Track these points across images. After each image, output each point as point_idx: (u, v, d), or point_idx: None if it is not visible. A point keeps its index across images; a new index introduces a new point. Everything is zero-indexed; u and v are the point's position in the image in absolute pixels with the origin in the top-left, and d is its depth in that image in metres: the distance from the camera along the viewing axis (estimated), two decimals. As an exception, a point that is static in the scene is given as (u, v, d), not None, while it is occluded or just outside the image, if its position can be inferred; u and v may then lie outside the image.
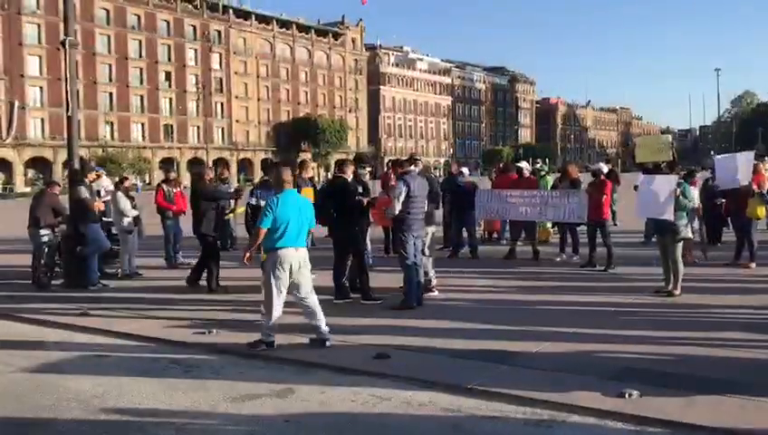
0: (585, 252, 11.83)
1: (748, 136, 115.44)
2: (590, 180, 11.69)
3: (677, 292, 8.90)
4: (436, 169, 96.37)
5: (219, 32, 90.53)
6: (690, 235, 9.27)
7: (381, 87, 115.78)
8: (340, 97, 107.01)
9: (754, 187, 11.03)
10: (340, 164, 9.09)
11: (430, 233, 9.20)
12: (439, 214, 11.70)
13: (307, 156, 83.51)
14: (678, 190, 8.75)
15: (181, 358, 6.73)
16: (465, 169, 13.63)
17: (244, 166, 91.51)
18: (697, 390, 5.25)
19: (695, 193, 10.59)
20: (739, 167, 11.29)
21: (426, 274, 8.94)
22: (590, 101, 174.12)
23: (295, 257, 6.71)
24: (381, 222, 11.64)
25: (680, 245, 9.05)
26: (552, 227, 13.35)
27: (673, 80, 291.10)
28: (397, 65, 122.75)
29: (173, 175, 14.44)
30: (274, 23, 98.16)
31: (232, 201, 15.44)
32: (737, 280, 10.05)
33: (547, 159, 66.72)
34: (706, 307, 8.26)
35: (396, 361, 6.24)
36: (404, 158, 8.89)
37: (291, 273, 6.69)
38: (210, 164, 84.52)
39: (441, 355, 6.42)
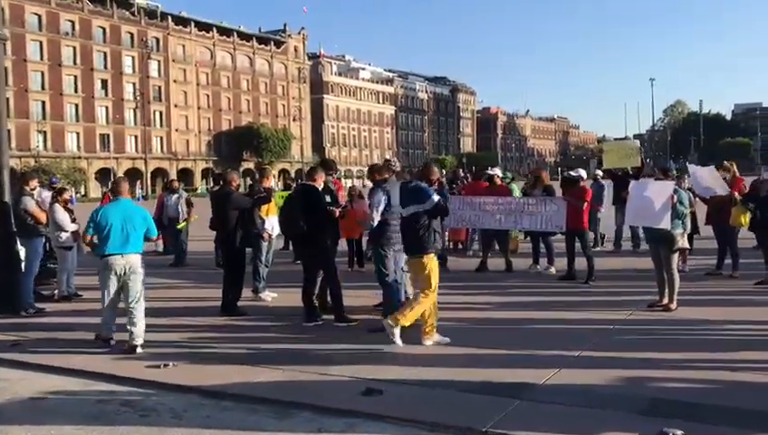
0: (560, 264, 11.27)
1: (681, 144, 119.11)
2: (568, 188, 11.08)
3: (674, 306, 8.33)
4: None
5: (157, 39, 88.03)
6: (687, 244, 8.73)
7: (324, 96, 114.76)
8: (283, 106, 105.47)
9: (736, 194, 10.60)
10: (310, 171, 8.20)
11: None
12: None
13: (250, 166, 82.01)
14: (675, 197, 8.18)
15: (135, 399, 5.72)
16: (393, 178, 12.87)
17: (185, 176, 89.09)
18: (744, 426, 4.59)
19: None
20: (709, 180, 10.84)
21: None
22: (528, 111, 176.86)
23: (120, 264, 7.04)
24: (349, 234, 10.81)
25: (676, 255, 8.50)
26: (526, 236, 12.69)
27: (609, 89, 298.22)
28: (340, 74, 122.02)
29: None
30: (214, 30, 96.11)
31: (183, 211, 14.45)
32: (727, 292, 9.55)
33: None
34: (710, 323, 7.67)
35: (390, 397, 5.39)
36: (380, 163, 8.03)
37: (118, 278, 7.07)
38: (148, 175, 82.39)
39: (440, 388, 5.59)
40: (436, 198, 6.95)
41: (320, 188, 8.08)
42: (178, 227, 14.28)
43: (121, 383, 6.14)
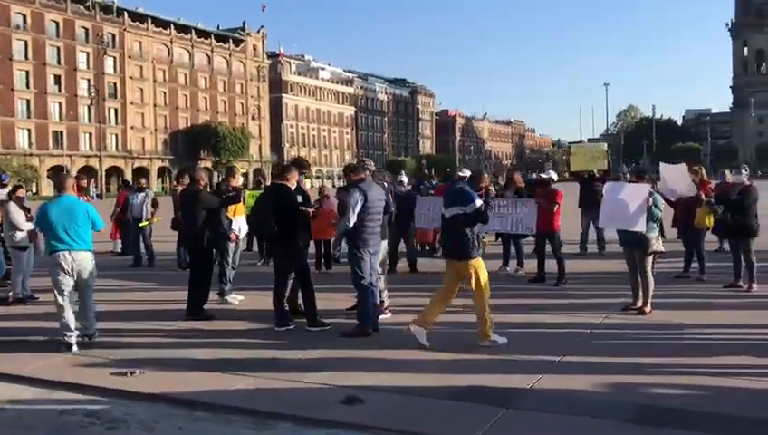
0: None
1: (634, 148, 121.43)
2: (538, 189, 11.01)
3: (648, 309, 8.29)
4: (340, 178, 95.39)
5: (113, 35, 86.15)
6: (662, 248, 8.71)
7: (284, 95, 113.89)
8: (242, 104, 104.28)
9: (702, 195, 10.65)
10: (283, 170, 7.94)
11: (383, 248, 8.19)
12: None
13: (207, 164, 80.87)
14: (651, 200, 8.15)
15: (100, 409, 5.40)
16: (403, 177, 12.70)
17: (140, 174, 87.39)
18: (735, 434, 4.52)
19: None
20: (679, 180, 10.88)
21: (379, 294, 7.92)
22: (486, 114, 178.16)
23: (68, 261, 6.99)
24: (318, 235, 10.57)
25: (650, 258, 8.46)
26: (497, 238, 12.58)
27: (564, 94, 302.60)
28: (299, 73, 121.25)
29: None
30: (172, 27, 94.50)
31: (149, 210, 13.97)
32: (697, 294, 9.56)
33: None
34: (685, 327, 7.64)
35: (372, 406, 5.18)
36: (355, 162, 7.81)
37: (69, 276, 7.01)
38: (103, 173, 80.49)
39: (422, 396, 5.40)
40: (478, 202, 6.91)
41: (292, 188, 7.82)
42: (141, 225, 13.82)
43: (84, 392, 5.80)
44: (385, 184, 8.06)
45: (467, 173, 12.69)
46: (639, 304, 8.45)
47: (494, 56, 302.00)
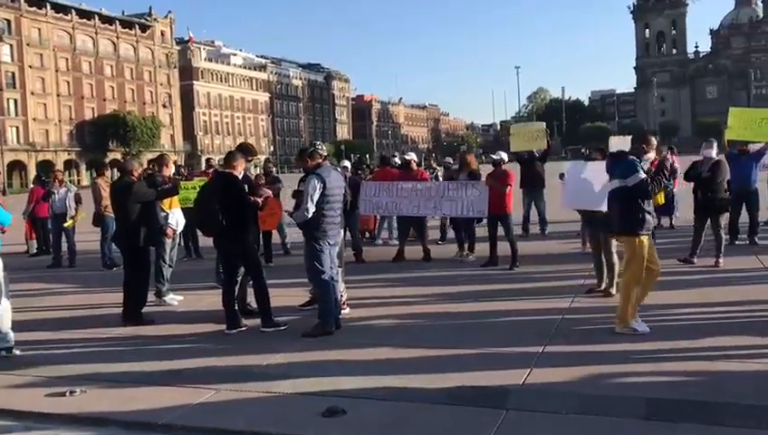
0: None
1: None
2: (489, 171, 10.65)
3: (614, 290, 8.04)
4: (256, 166, 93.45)
5: (9, 21, 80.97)
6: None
7: (195, 82, 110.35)
8: (151, 93, 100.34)
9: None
10: (228, 157, 7.20)
11: (341, 239, 7.62)
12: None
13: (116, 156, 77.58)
14: (616, 179, 7.86)
15: (38, 439, 4.65)
16: (346, 162, 12.12)
17: (46, 168, 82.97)
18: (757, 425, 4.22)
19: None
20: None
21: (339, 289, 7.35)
22: (401, 99, 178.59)
23: None
24: (265, 226, 9.88)
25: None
26: (451, 223, 12.17)
27: (477, 77, 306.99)
28: (210, 60, 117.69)
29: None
30: (73, 13, 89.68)
31: (72, 207, 12.79)
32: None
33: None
34: (656, 308, 7.35)
35: (357, 417, 4.62)
36: (308, 147, 7.15)
37: None
38: (4, 168, 75.76)
39: (410, 401, 4.89)
40: (641, 175, 6.37)
41: (240, 177, 7.13)
42: (65, 225, 12.65)
43: (17, 418, 5.01)
44: (339, 169, 7.47)
45: (413, 156, 12.28)
46: (604, 285, 8.22)
47: (407, 40, 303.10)
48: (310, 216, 6.67)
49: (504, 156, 10.82)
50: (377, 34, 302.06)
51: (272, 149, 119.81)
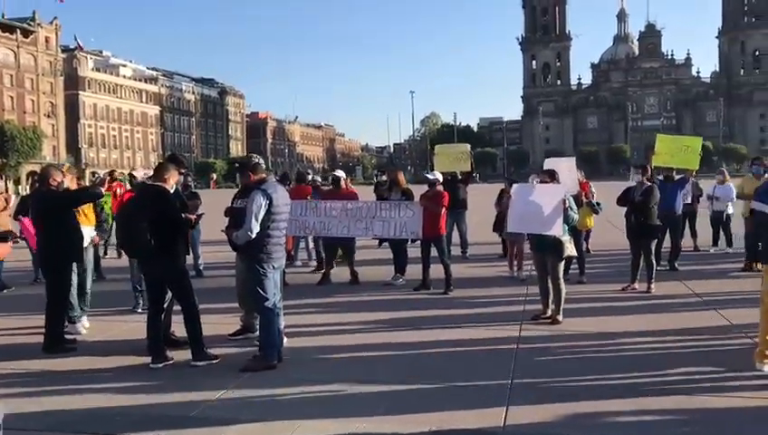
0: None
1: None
2: (423, 191, 10.24)
3: (561, 318, 7.79)
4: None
5: None
6: (575, 252, 8.27)
7: (81, 92, 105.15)
8: (33, 101, 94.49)
9: (583, 196, 10.50)
10: (159, 169, 6.39)
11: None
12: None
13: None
14: (567, 202, 7.65)
15: None
16: (272, 178, 11.33)
17: None
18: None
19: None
20: (565, 174, 10.67)
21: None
22: (297, 117, 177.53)
23: None
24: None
25: (562, 264, 7.98)
26: (380, 244, 11.62)
27: (373, 99, 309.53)
28: (98, 70, 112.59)
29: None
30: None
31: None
32: (595, 298, 9.28)
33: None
34: (609, 336, 7.17)
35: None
36: (252, 160, 6.43)
37: None
38: None
39: (386, 450, 4.32)
40: None
41: (171, 190, 6.34)
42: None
43: None
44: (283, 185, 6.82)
45: (341, 174, 11.72)
46: (550, 312, 7.94)
47: (304, 60, 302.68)
48: (254, 236, 5.99)
49: (440, 176, 10.46)
50: (273, 53, 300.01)
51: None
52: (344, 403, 5.19)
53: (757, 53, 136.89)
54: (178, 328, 6.77)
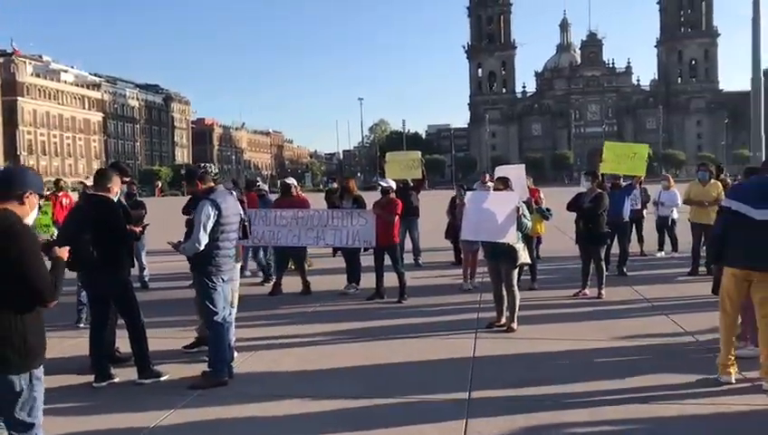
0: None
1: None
2: (376, 199, 10.11)
3: (515, 325, 7.76)
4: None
5: None
6: (529, 259, 8.24)
7: (19, 98, 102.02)
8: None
9: (533, 203, 10.52)
10: (101, 177, 6.10)
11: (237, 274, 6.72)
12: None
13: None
14: (520, 210, 7.62)
15: None
16: (221, 187, 11.04)
17: None
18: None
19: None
20: (515, 181, 10.70)
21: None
22: (244, 124, 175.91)
23: None
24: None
25: (516, 271, 7.95)
26: (335, 253, 11.39)
27: (321, 107, 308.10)
28: (37, 75, 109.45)
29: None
30: None
31: None
32: (548, 305, 9.30)
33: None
34: (561, 344, 7.15)
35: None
36: (200, 166, 6.20)
37: None
38: None
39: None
40: None
41: (115, 200, 6.07)
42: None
43: None
44: (234, 193, 6.59)
45: (293, 181, 11.51)
46: (504, 320, 7.91)
47: (252, 66, 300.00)
48: (202, 247, 5.76)
49: (393, 184, 10.35)
50: (221, 58, 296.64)
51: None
52: (298, 421, 5.02)
53: (693, 62, 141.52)
54: (123, 344, 6.48)
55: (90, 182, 9.71)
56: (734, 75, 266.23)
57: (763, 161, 7.24)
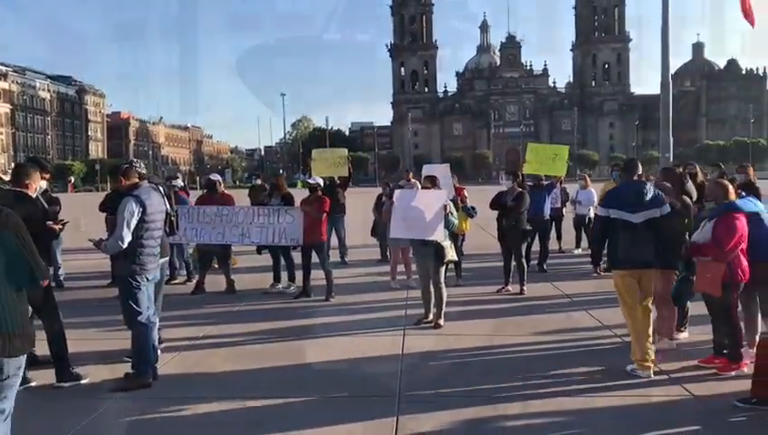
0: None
1: (309, 156, 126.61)
2: (304, 196, 10.02)
3: (443, 322, 7.86)
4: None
5: None
6: (455, 256, 8.35)
7: None
8: None
9: (459, 201, 10.68)
10: (19, 173, 5.81)
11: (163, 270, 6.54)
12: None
13: None
14: (448, 208, 7.71)
15: None
16: (179, 182, 10.75)
17: None
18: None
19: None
20: (440, 179, 10.83)
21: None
22: (162, 118, 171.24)
23: None
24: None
25: (443, 268, 8.04)
26: (260, 252, 11.17)
27: (243, 101, 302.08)
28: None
29: None
30: None
31: None
32: (472, 301, 9.41)
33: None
34: (487, 339, 7.30)
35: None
36: (124, 163, 6.01)
37: None
38: None
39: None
40: (668, 205, 6.12)
41: (35, 197, 5.79)
42: None
43: None
44: (161, 188, 6.39)
45: (218, 178, 11.27)
46: (432, 317, 7.99)
47: (169, 59, 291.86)
48: (125, 246, 5.58)
49: (320, 181, 10.29)
50: (138, 50, 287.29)
51: (12, 165, 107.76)
52: (225, 422, 4.93)
53: (607, 65, 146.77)
54: (40, 346, 6.19)
55: (7, 177, 9.29)
56: (645, 77, 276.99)
57: (662, 168, 7.84)
